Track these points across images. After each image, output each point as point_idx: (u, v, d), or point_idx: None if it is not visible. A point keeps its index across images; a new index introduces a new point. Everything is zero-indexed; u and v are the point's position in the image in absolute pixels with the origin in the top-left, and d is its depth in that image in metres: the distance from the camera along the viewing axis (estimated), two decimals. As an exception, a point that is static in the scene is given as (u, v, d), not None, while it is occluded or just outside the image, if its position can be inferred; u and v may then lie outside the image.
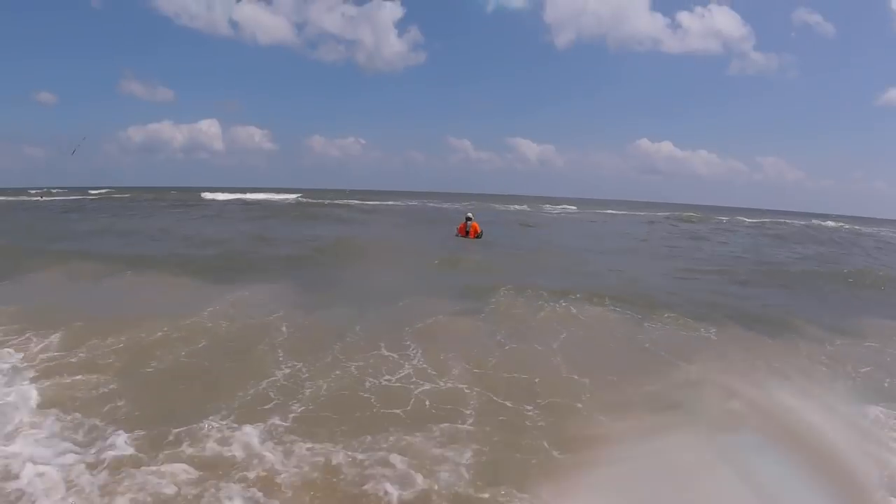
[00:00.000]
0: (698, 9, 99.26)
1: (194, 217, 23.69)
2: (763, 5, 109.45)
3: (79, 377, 4.48)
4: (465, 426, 3.85)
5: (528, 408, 4.18)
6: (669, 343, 5.97)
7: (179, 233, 15.93)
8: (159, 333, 5.51)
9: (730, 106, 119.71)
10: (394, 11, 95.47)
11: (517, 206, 45.40)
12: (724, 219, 39.94)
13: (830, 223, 43.02)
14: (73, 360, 4.85)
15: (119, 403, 4.05)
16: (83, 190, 62.34)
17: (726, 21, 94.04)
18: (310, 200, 44.42)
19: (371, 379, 4.61)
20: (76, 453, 3.36)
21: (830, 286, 10.27)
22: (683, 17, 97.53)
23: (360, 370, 4.78)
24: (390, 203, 45.82)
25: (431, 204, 46.73)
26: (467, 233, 15.05)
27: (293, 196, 50.01)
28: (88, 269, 8.82)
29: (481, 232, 15.14)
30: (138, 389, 4.31)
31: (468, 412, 4.06)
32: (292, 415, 3.96)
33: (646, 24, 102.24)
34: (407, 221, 25.11)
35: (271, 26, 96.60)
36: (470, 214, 15.85)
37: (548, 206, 51.03)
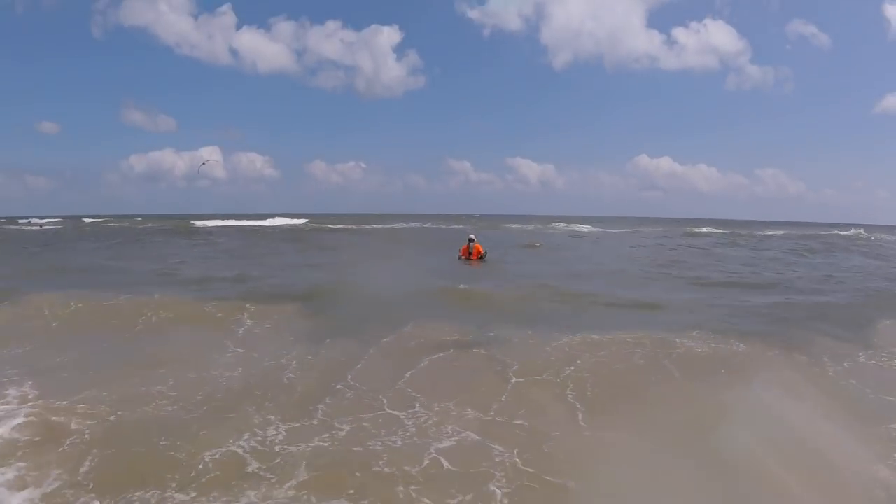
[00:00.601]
0: (693, 24, 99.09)
1: (198, 244, 23.32)
2: (758, 18, 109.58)
3: (56, 425, 4.06)
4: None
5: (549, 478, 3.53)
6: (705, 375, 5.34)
7: (185, 264, 15.25)
8: (159, 387, 4.96)
9: (728, 119, 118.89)
10: (392, 36, 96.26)
11: (523, 226, 44.82)
12: (743, 232, 38.98)
13: (851, 231, 42.16)
14: (55, 409, 4.37)
15: (89, 463, 3.58)
16: (77, 218, 62.27)
17: (722, 36, 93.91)
18: (314, 225, 44.25)
19: (374, 440, 4.03)
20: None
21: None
22: (679, 33, 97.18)
23: (358, 429, 4.22)
24: (394, 226, 45.64)
25: (434, 226, 46.45)
26: (470, 254, 14.74)
27: (298, 221, 49.86)
28: (87, 307, 8.10)
29: (484, 253, 14.88)
30: (118, 447, 3.82)
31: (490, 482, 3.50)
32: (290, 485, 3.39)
33: (642, 42, 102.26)
34: (410, 245, 24.68)
35: (271, 54, 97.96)
36: (472, 236, 15.51)
37: (558, 224, 50.26)
